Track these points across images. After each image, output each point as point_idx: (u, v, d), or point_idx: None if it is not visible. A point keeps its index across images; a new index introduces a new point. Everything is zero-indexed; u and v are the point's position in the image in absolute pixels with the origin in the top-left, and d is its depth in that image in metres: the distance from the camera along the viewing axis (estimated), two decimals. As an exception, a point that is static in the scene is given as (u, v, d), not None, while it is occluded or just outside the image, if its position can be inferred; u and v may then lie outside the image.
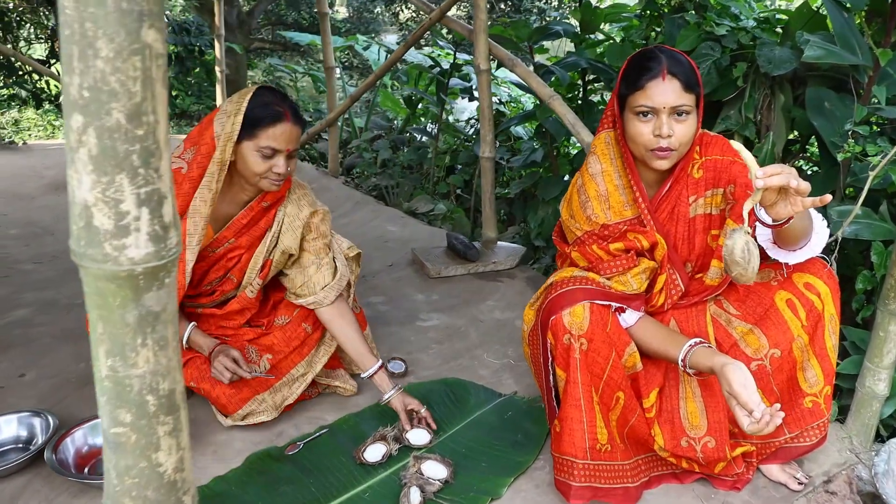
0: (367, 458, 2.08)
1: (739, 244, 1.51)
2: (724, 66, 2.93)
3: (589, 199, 1.96)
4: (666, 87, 1.77)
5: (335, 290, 2.26)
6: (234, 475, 2.07)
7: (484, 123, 3.43)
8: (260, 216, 2.21)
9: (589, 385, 1.82)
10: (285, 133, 2.00)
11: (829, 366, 1.91)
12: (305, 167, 5.50)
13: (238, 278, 2.28)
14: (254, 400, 2.22)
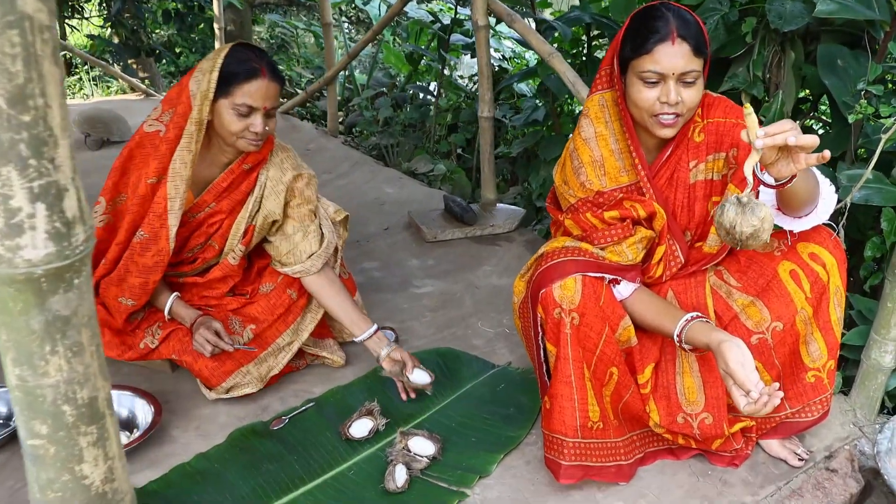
0: (353, 433, 2.03)
1: (729, 215, 1.41)
2: (732, 21, 2.78)
3: (582, 164, 1.85)
4: (675, 51, 1.66)
5: (322, 258, 2.19)
6: (216, 452, 2.02)
7: (482, 82, 3.30)
8: (241, 179, 2.13)
9: (580, 361, 1.75)
10: (261, 90, 1.93)
11: (834, 340, 1.82)
12: (305, 126, 5.39)
13: (220, 245, 2.21)
14: (238, 372, 2.15)
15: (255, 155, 2.11)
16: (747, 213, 1.38)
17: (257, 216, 2.17)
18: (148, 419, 2.08)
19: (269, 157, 2.16)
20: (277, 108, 2.05)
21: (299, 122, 5.49)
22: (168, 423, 2.13)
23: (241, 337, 2.20)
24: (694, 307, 1.87)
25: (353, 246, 3.28)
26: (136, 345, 2.17)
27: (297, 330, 2.24)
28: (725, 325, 1.85)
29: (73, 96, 6.84)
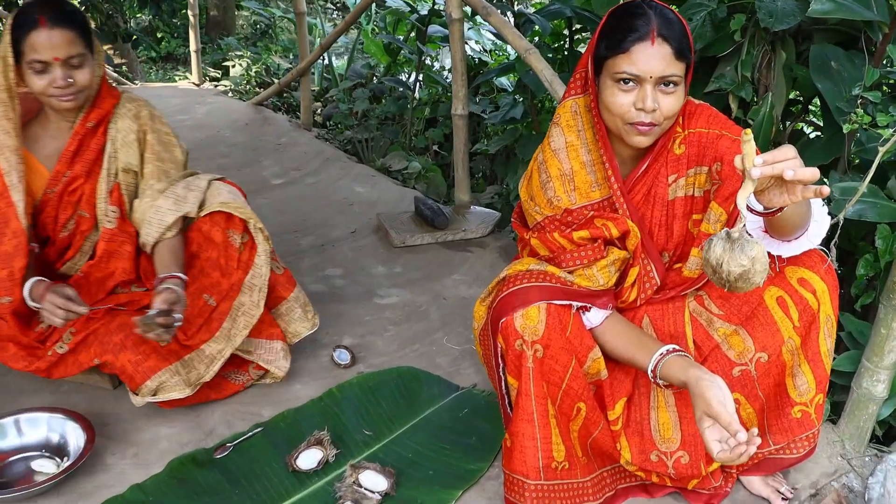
0: (301, 465, 1.86)
1: (716, 252, 1.23)
2: (719, 18, 2.62)
3: (550, 178, 1.68)
4: (654, 52, 1.49)
5: (154, 226, 2.00)
6: (152, 483, 1.85)
7: (456, 78, 3.12)
8: (89, 139, 2.02)
9: (544, 397, 1.59)
10: (44, 41, 1.81)
11: (823, 372, 1.67)
12: (278, 118, 5.18)
13: (91, 213, 2.06)
14: (164, 371, 1.96)
15: (98, 110, 2.00)
16: (736, 251, 1.21)
17: (120, 173, 2.04)
18: (80, 444, 1.90)
19: (115, 110, 2.04)
20: (82, 55, 1.87)
21: (272, 115, 5.29)
22: (104, 448, 1.96)
23: None
24: (671, 335, 1.71)
25: (318, 250, 3.11)
26: (45, 354, 1.98)
27: (228, 337, 2.03)
28: (705, 355, 1.69)
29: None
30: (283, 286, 2.18)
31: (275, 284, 2.13)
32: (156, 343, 1.95)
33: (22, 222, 1.91)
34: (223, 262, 2.03)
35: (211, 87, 6.25)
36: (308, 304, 2.23)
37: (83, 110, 1.99)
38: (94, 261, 2.07)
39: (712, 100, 2.75)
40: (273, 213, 3.51)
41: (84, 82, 1.89)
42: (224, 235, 2.01)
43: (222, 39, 7.30)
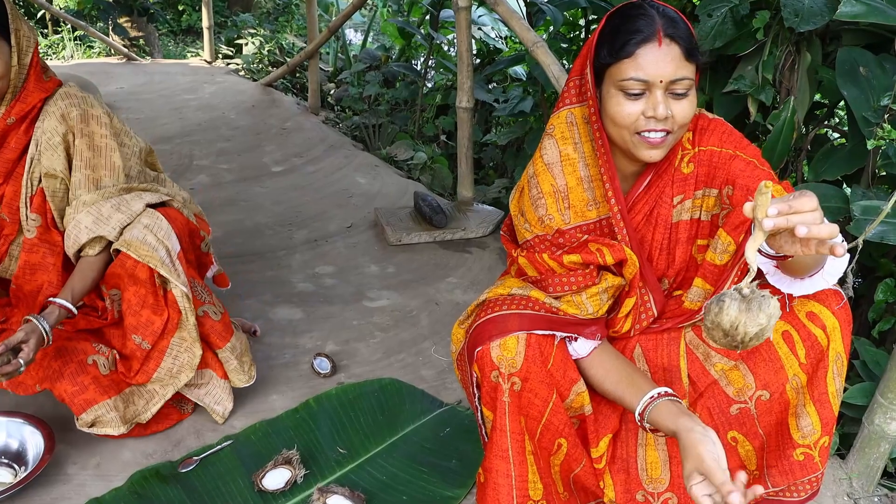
0: (267, 485, 1.76)
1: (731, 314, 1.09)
2: (741, 15, 2.44)
3: (542, 195, 1.54)
4: (663, 54, 1.35)
5: (71, 240, 1.82)
6: (112, 498, 1.76)
7: (462, 68, 2.98)
8: (8, 136, 1.83)
9: (520, 432, 1.46)
10: None
11: (830, 414, 1.52)
12: (286, 101, 5.06)
13: (11, 216, 1.88)
14: (101, 405, 1.83)
15: (20, 105, 1.81)
16: (753, 310, 1.09)
17: (43, 178, 1.85)
18: (40, 452, 1.80)
19: (44, 107, 1.84)
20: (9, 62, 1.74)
21: (280, 96, 5.17)
22: (65, 457, 1.87)
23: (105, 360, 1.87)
24: (664, 368, 1.58)
25: (310, 246, 2.99)
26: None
27: (170, 375, 1.88)
28: (701, 391, 1.56)
29: (51, 58, 6.51)
30: (219, 335, 1.95)
31: (209, 332, 1.93)
32: (96, 371, 1.84)
33: None
34: (152, 301, 1.83)
35: (222, 66, 6.14)
36: (245, 354, 2.02)
37: (6, 103, 1.81)
38: (18, 273, 1.91)
39: (730, 101, 2.60)
40: (269, 203, 3.40)
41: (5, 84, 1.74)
42: (149, 273, 1.80)
43: (237, 16, 7.17)
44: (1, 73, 1.74)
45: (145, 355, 1.86)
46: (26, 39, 1.79)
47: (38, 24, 6.87)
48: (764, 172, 1.51)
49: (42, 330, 1.70)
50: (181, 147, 4.09)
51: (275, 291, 2.65)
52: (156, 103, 4.89)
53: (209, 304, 1.94)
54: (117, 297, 1.88)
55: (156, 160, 2.08)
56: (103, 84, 5.06)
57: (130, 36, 6.89)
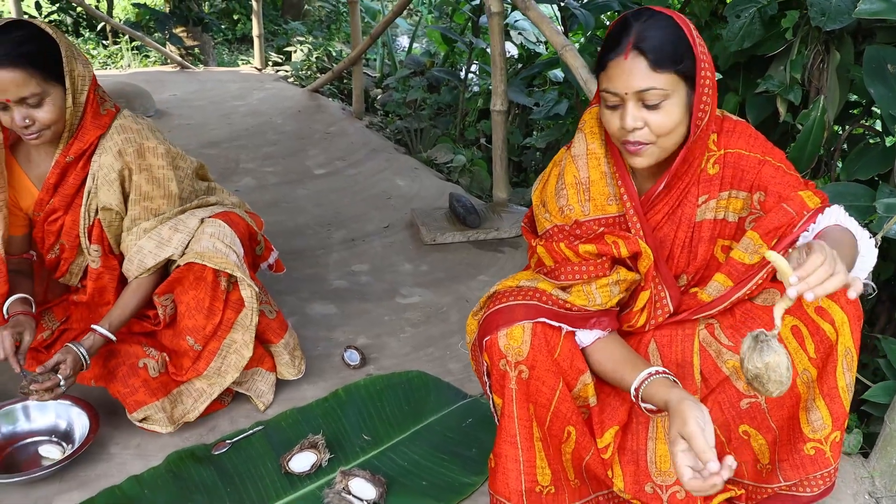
0: (293, 467, 1.84)
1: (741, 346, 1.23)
2: (770, 14, 2.45)
3: (566, 185, 1.59)
4: (628, 66, 1.39)
5: (135, 266, 1.92)
6: (149, 476, 1.87)
7: (495, 72, 3.04)
8: (69, 172, 1.92)
9: (528, 419, 1.51)
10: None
11: (840, 408, 1.53)
12: (331, 106, 5.19)
13: (70, 243, 2.00)
14: (150, 406, 1.96)
15: (78, 143, 1.88)
16: (755, 353, 1.23)
17: (100, 211, 1.94)
18: (85, 433, 1.93)
19: (101, 142, 1.90)
20: (37, 94, 1.75)
21: (326, 102, 5.30)
22: (108, 438, 1.99)
23: (155, 363, 1.99)
24: (677, 364, 1.61)
25: (348, 245, 3.09)
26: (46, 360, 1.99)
27: (218, 374, 1.99)
28: (713, 388, 1.58)
29: (110, 67, 6.79)
30: (274, 331, 2.10)
31: (265, 329, 2.07)
32: (146, 374, 1.96)
33: (0, 251, 1.89)
34: (208, 303, 1.93)
35: (271, 73, 6.32)
36: (297, 350, 2.16)
37: (64, 141, 1.88)
38: (87, 298, 2.04)
39: (762, 102, 2.60)
40: (311, 204, 3.51)
41: (46, 120, 1.78)
42: (214, 276, 1.90)
43: (287, 24, 7.36)
44: (56, 118, 1.80)
45: (196, 356, 1.98)
46: (81, 79, 1.84)
47: (99, 36, 7.18)
48: (792, 177, 1.56)
49: (78, 353, 1.83)
50: (228, 151, 4.24)
51: (311, 288, 2.75)
52: (206, 110, 5.08)
53: (265, 304, 2.08)
54: (170, 301, 1.99)
55: (206, 172, 2.18)
56: (157, 91, 5.27)
57: (186, 45, 7.14)
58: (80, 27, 7.14)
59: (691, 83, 1.43)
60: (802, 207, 1.52)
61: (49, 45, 1.77)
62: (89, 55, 6.74)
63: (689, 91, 1.44)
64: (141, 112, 4.78)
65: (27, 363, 1.93)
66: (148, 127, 1.97)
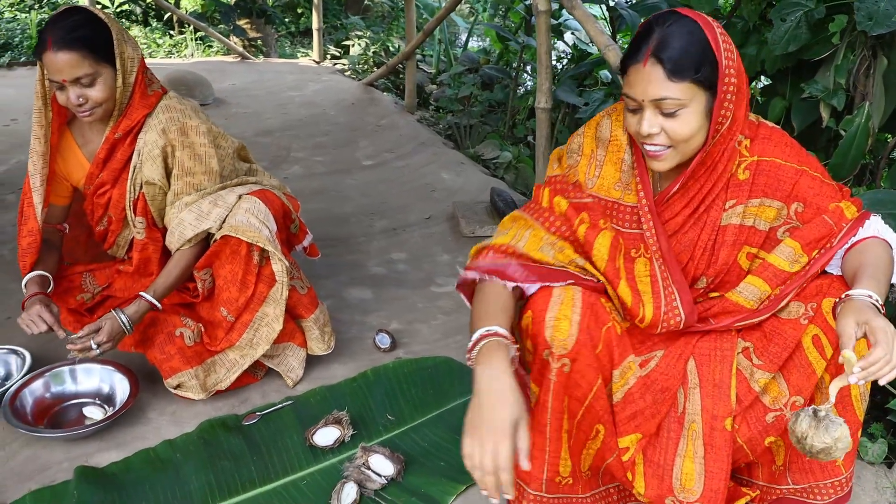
0: (317, 441, 1.92)
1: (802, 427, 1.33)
2: (817, 19, 2.43)
3: (581, 154, 1.62)
4: (645, 74, 1.42)
5: (175, 237, 2.03)
6: (182, 441, 1.97)
7: (541, 70, 3.07)
8: (117, 148, 2.05)
9: (561, 412, 1.52)
10: (52, 64, 1.85)
11: (853, 417, 1.52)
12: (384, 100, 5.28)
13: (117, 216, 2.12)
14: (184, 373, 2.06)
15: (126, 121, 2.01)
16: (821, 431, 1.31)
17: (144, 185, 2.06)
18: (125, 397, 2.04)
19: (147, 120, 2.03)
20: (90, 74, 1.88)
21: (379, 95, 5.40)
22: (146, 404, 2.10)
23: (191, 333, 2.10)
24: (715, 384, 1.59)
25: (389, 234, 3.16)
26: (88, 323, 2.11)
27: (250, 345, 2.08)
28: (746, 407, 1.57)
29: (174, 55, 7.02)
30: (305, 307, 2.18)
31: (296, 304, 2.15)
32: (181, 343, 2.07)
33: (38, 222, 2.02)
34: (241, 277, 2.02)
35: (329, 66, 6.45)
36: (327, 326, 2.23)
37: (114, 119, 2.01)
38: (132, 268, 2.17)
39: (808, 107, 2.58)
40: (357, 194, 3.60)
41: (98, 98, 1.91)
42: (248, 250, 2.00)
43: (347, 18, 7.49)
44: (104, 98, 1.92)
45: (230, 327, 2.08)
46: (130, 61, 1.96)
47: (166, 26, 7.43)
48: (830, 187, 1.56)
49: (119, 320, 1.95)
50: (281, 140, 4.37)
51: (350, 274, 2.83)
52: (263, 99, 5.23)
53: (297, 280, 2.16)
54: (208, 275, 2.10)
55: (248, 153, 2.29)
56: (217, 81, 5.44)
57: (249, 37, 7.34)
58: (149, 17, 7.40)
59: (714, 89, 1.44)
60: (841, 219, 1.53)
61: (101, 29, 1.91)
62: (155, 44, 7.00)
63: (710, 97, 1.44)
64: (200, 100, 4.96)
65: (71, 326, 2.08)
66: (191, 107, 2.09)
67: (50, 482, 1.82)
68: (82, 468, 1.83)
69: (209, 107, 4.98)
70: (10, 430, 1.94)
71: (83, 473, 1.81)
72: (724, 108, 1.45)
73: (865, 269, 1.44)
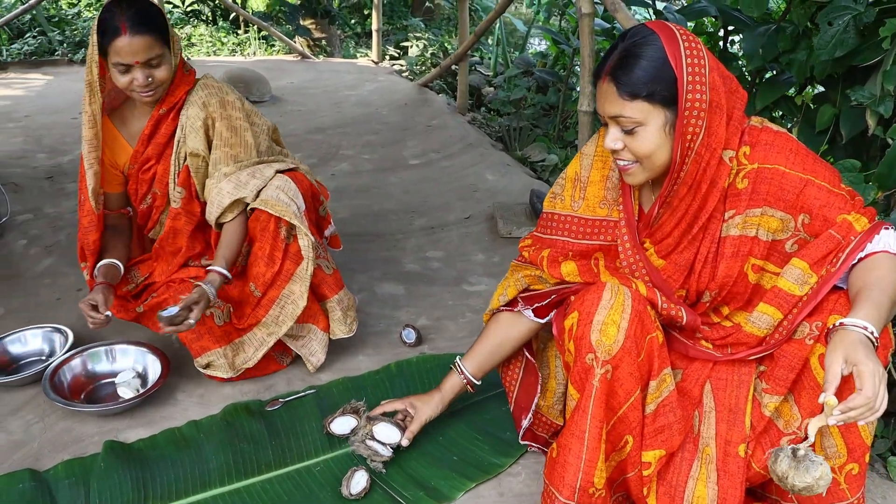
0: (334, 429, 1.95)
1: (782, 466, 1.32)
2: (866, 23, 2.36)
3: (565, 178, 1.69)
4: (602, 92, 1.46)
5: (215, 206, 2.11)
6: (207, 423, 2.03)
7: (584, 73, 3.05)
8: (161, 124, 2.15)
9: (601, 420, 1.51)
10: (125, 47, 1.95)
11: (857, 439, 1.48)
12: (437, 100, 5.32)
13: (163, 191, 2.22)
14: (213, 352, 2.13)
15: (170, 97, 2.12)
16: (801, 471, 1.30)
17: (188, 157, 2.16)
18: (156, 378, 2.13)
19: (188, 97, 2.15)
20: (160, 55, 2.01)
21: (433, 96, 5.44)
22: (176, 385, 2.18)
23: (221, 312, 2.17)
24: (730, 410, 1.58)
25: (427, 232, 3.19)
26: (132, 309, 2.24)
27: (276, 323, 2.14)
28: (759, 433, 1.56)
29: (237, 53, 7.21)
30: (329, 287, 2.24)
31: (320, 283, 2.22)
32: (211, 323, 2.14)
33: (92, 203, 2.13)
34: (269, 252, 2.09)
35: (387, 66, 6.53)
36: (350, 309, 2.28)
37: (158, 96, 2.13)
38: (163, 235, 2.26)
39: (857, 114, 2.50)
40: (399, 192, 3.64)
41: (162, 78, 2.04)
42: (276, 226, 2.08)
43: (405, 20, 7.57)
44: (166, 78, 2.06)
45: (257, 302, 2.15)
46: (176, 43, 2.11)
47: (233, 25, 7.64)
48: (838, 197, 1.49)
49: (209, 294, 2.02)
50: (332, 137, 4.45)
51: (385, 269, 2.87)
52: (318, 97, 5.33)
53: (323, 259, 2.23)
54: (245, 251, 2.18)
55: (279, 137, 2.38)
56: (276, 79, 5.57)
57: (314, 37, 7.49)
58: (217, 16, 7.62)
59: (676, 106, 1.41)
60: (850, 232, 1.47)
61: (161, 14, 2.04)
62: (220, 42, 7.19)
63: (672, 113, 1.42)
64: (257, 97, 5.09)
65: (115, 310, 2.17)
66: (227, 85, 2.23)
67: (81, 454, 1.91)
68: (111, 443, 1.91)
69: (266, 104, 5.11)
70: (49, 403, 2.05)
71: (111, 447, 1.90)
72: (691, 125, 1.41)
73: (868, 291, 1.38)
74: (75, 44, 6.78)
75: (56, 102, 5.16)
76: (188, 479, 1.84)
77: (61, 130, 4.52)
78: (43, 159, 4.03)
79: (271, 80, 5.35)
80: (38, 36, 6.83)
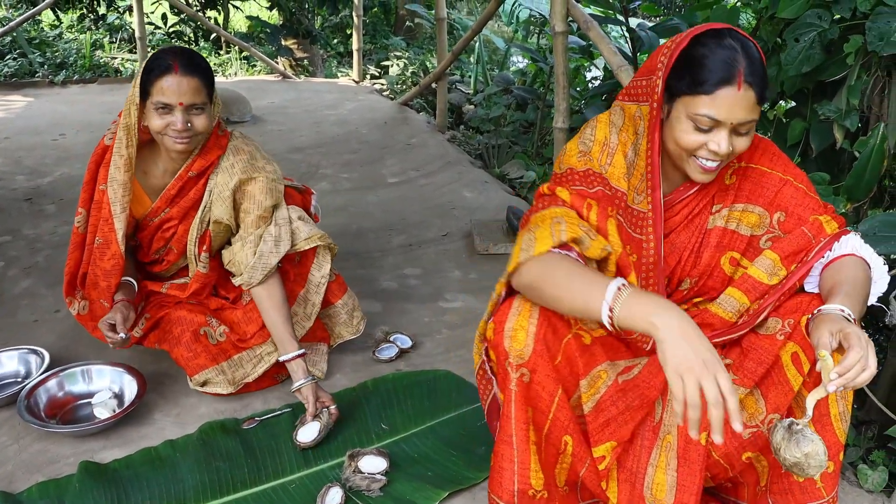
0: (301, 439, 1.97)
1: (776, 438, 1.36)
2: (830, 39, 2.41)
3: (594, 141, 1.59)
4: (740, 99, 1.41)
5: (259, 270, 2.10)
6: (183, 442, 2.03)
7: (558, 91, 3.10)
8: (189, 186, 2.13)
9: (525, 422, 1.52)
10: (173, 85, 1.91)
11: (833, 437, 1.50)
12: (417, 119, 5.37)
13: (179, 249, 2.21)
14: (210, 369, 2.16)
15: (201, 161, 2.09)
16: (792, 444, 1.33)
17: (211, 223, 2.15)
18: (132, 398, 2.12)
19: (219, 162, 2.11)
20: (204, 104, 1.98)
21: (413, 115, 5.48)
22: (153, 404, 2.17)
23: (214, 332, 2.19)
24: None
25: (404, 250, 3.21)
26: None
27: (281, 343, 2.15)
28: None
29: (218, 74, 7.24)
30: (333, 292, 2.30)
31: (325, 291, 2.26)
32: (206, 342, 2.16)
33: (120, 247, 2.09)
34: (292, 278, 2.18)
35: (367, 85, 6.57)
36: (356, 310, 2.33)
37: (190, 156, 2.08)
38: (184, 294, 2.24)
39: (826, 128, 2.55)
40: (378, 210, 3.67)
41: (201, 128, 1.98)
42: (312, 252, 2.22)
43: (387, 39, 7.64)
44: (204, 129, 2.01)
45: (261, 324, 2.17)
46: (217, 103, 2.07)
47: (214, 45, 7.68)
48: (812, 200, 1.57)
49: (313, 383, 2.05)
50: (311, 157, 4.47)
51: (361, 287, 2.87)
52: (298, 117, 5.36)
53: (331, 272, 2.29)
54: None
55: None
56: (257, 98, 5.60)
57: (296, 57, 7.53)
58: (199, 37, 7.65)
59: None
60: (820, 232, 1.54)
61: (209, 67, 2.03)
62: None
63: None
64: (237, 117, 5.11)
65: None
66: (256, 148, 2.19)
67: (56, 475, 1.90)
68: (86, 463, 1.91)
69: (246, 124, 5.13)
70: (24, 425, 2.04)
71: (86, 468, 1.89)
72: None
73: (840, 287, 1.44)
74: (56, 65, 6.79)
75: (37, 124, 5.16)
76: (163, 498, 1.83)
77: (41, 152, 4.52)
78: (22, 181, 4.02)
79: (252, 100, 5.37)
80: (18, 58, 6.84)
